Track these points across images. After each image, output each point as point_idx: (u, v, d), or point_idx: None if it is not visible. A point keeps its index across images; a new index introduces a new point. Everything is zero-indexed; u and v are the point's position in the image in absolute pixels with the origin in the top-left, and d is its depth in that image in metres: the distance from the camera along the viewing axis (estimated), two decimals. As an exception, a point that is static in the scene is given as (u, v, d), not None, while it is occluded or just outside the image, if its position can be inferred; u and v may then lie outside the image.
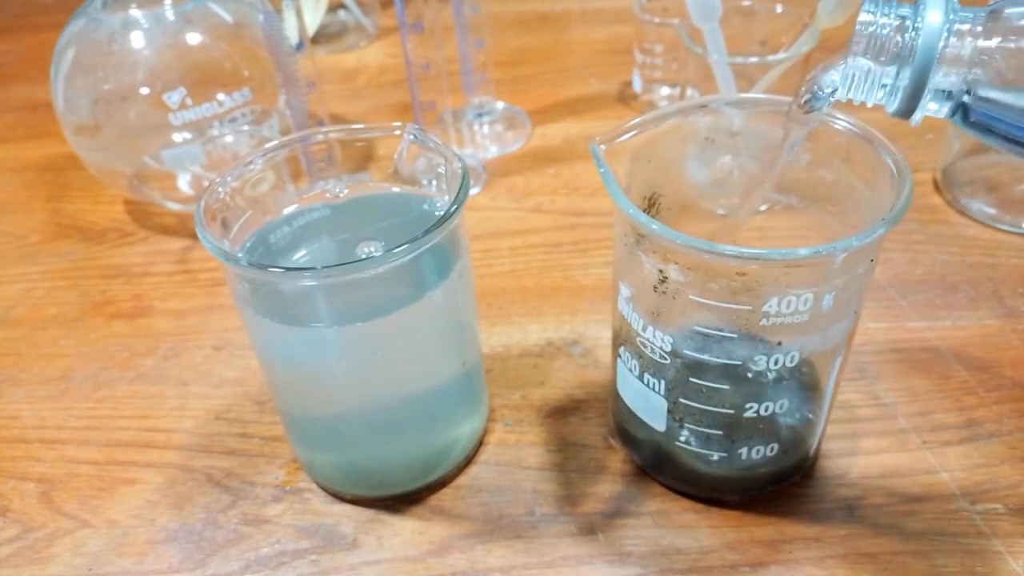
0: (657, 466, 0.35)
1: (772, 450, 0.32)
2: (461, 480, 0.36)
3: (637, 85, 0.64)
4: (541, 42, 0.78)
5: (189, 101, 0.49)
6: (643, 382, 0.32)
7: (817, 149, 0.31)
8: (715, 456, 0.32)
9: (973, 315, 0.42)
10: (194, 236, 0.53)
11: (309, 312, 0.30)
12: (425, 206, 0.34)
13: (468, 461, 0.37)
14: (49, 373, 0.44)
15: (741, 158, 0.33)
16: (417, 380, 0.33)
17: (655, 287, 0.29)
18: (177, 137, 0.51)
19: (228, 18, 0.52)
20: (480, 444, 0.37)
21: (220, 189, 0.31)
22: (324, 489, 0.36)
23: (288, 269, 0.30)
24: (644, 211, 0.28)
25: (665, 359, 0.30)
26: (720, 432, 0.31)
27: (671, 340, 0.29)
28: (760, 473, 0.33)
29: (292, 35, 0.51)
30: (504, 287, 0.47)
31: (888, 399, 0.38)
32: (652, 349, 0.30)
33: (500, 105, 0.63)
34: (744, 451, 0.32)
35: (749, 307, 0.27)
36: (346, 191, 0.35)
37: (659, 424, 0.32)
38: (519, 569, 0.32)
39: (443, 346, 0.33)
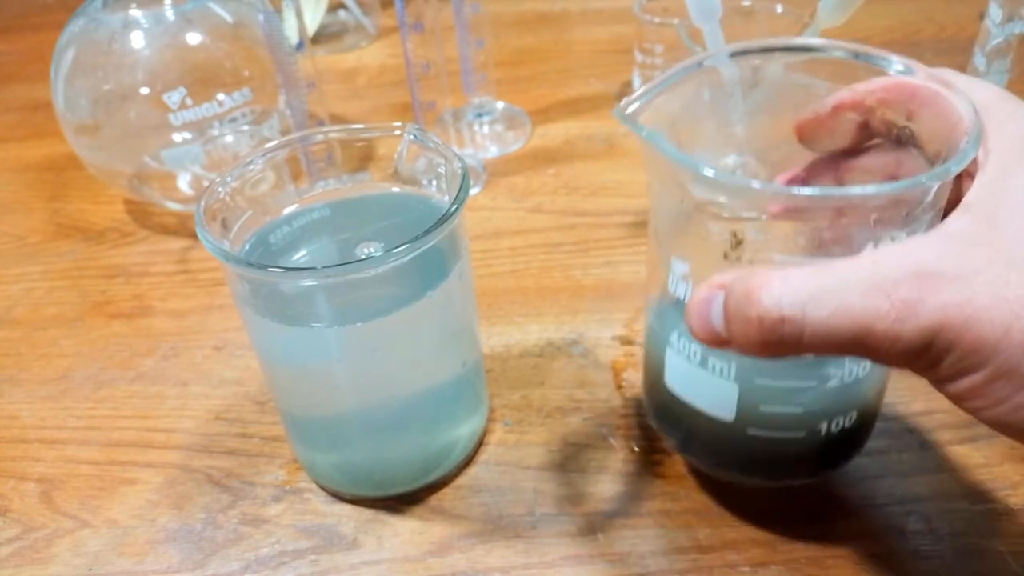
0: (721, 461, 0.32)
1: (850, 420, 0.30)
2: (461, 480, 0.36)
3: (637, 85, 0.64)
4: (541, 42, 0.78)
5: (189, 101, 0.49)
6: (707, 369, 0.29)
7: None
8: (792, 437, 0.30)
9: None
10: (194, 236, 0.53)
11: (309, 312, 0.30)
12: (425, 206, 0.34)
13: (468, 461, 0.37)
14: (49, 373, 0.44)
15: (745, 157, 0.32)
16: (417, 380, 0.33)
17: (726, 254, 0.26)
18: (177, 137, 0.51)
19: (228, 18, 0.52)
20: (480, 444, 0.37)
21: (220, 189, 0.31)
22: (324, 489, 0.36)
23: (288, 269, 0.30)
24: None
25: None
26: (800, 410, 0.29)
27: None
28: (836, 447, 0.31)
29: (292, 35, 0.51)
30: (504, 287, 0.47)
31: (888, 399, 0.38)
32: None
33: (500, 105, 0.63)
34: (824, 426, 0.29)
35: (846, 258, 0.24)
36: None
37: (727, 413, 0.29)
38: (519, 569, 0.32)
39: (443, 346, 0.33)
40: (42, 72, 0.52)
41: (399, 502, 0.35)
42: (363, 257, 0.31)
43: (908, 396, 0.38)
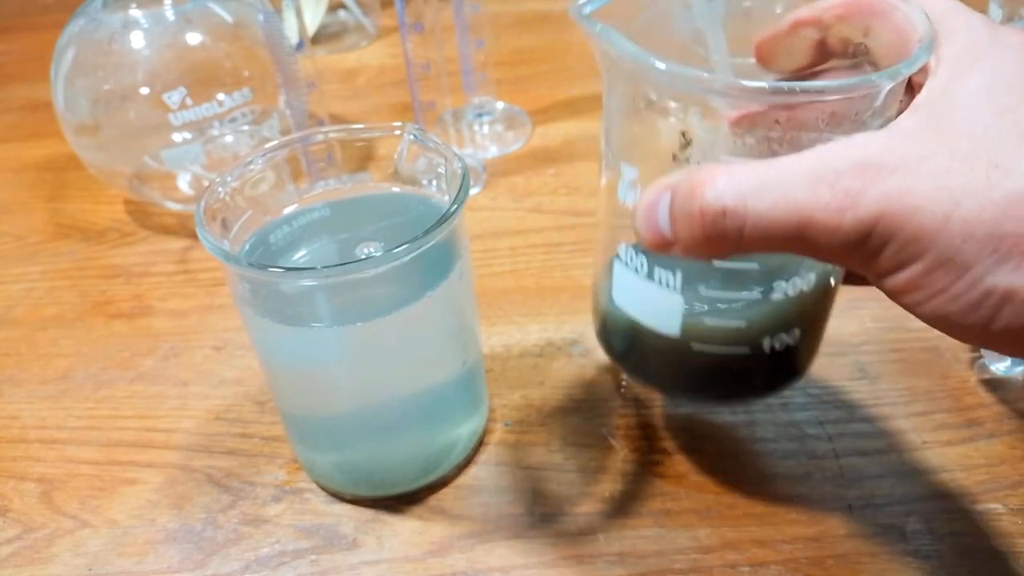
0: (669, 381, 0.32)
1: (794, 338, 0.29)
2: (461, 480, 0.36)
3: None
4: (541, 42, 0.78)
5: (189, 101, 0.49)
6: (653, 279, 0.28)
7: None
8: (737, 352, 0.29)
9: (973, 315, 0.42)
10: (194, 236, 0.53)
11: (309, 312, 0.30)
12: (425, 206, 0.34)
13: (468, 461, 0.37)
14: (49, 373, 0.44)
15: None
16: (417, 380, 0.33)
17: (675, 155, 0.25)
18: (177, 137, 0.51)
19: (228, 18, 0.52)
20: (480, 444, 0.37)
21: (220, 189, 0.31)
22: (324, 489, 0.36)
23: (288, 269, 0.30)
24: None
25: None
26: (744, 323, 0.29)
27: None
28: (780, 367, 0.31)
29: (292, 35, 0.51)
30: (504, 287, 0.47)
31: (888, 399, 0.38)
32: None
33: (500, 105, 0.63)
34: (768, 343, 0.29)
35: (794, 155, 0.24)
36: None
37: (673, 329, 0.29)
38: (519, 569, 0.32)
39: (443, 346, 0.33)
40: (42, 72, 0.52)
41: (399, 502, 0.35)
42: (363, 257, 0.31)
43: (908, 396, 0.38)
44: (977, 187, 0.19)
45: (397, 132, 0.33)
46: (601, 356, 0.42)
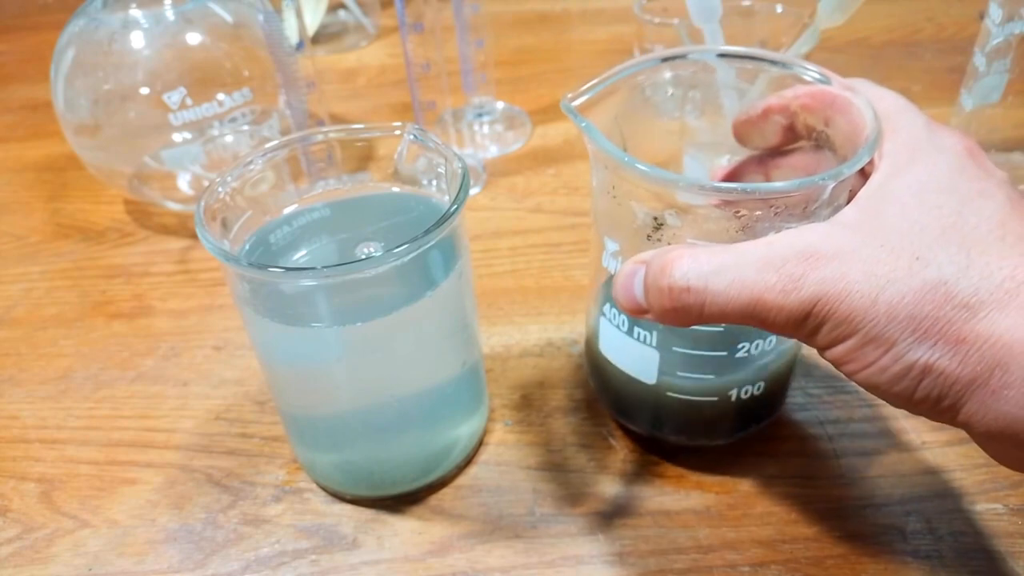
0: (646, 421, 0.36)
1: (759, 389, 0.33)
2: (461, 480, 0.36)
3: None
4: (541, 42, 0.78)
5: (189, 101, 0.49)
6: (632, 336, 0.32)
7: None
8: (706, 400, 0.33)
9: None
10: (194, 236, 0.53)
11: (309, 312, 0.30)
12: (425, 206, 0.34)
13: (468, 461, 0.37)
14: (49, 373, 0.44)
15: (739, 157, 0.33)
16: (417, 380, 0.33)
17: (648, 236, 0.29)
18: (177, 137, 0.51)
19: (228, 18, 0.52)
20: (480, 444, 0.37)
21: (220, 189, 0.31)
22: (324, 489, 0.36)
23: (288, 269, 0.30)
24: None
25: None
26: (712, 376, 0.32)
27: None
28: (748, 413, 0.34)
29: (292, 35, 0.51)
30: (504, 287, 0.47)
31: (888, 399, 0.38)
32: None
33: (500, 105, 0.63)
34: (735, 393, 0.33)
35: (751, 242, 0.26)
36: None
37: (649, 377, 0.33)
38: (519, 569, 0.32)
39: (443, 346, 0.33)
40: (42, 72, 0.52)
41: (399, 502, 0.35)
42: (363, 257, 0.31)
43: (908, 396, 0.38)
44: (900, 275, 0.21)
45: (397, 132, 0.33)
46: (601, 356, 0.42)
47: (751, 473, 0.35)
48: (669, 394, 0.33)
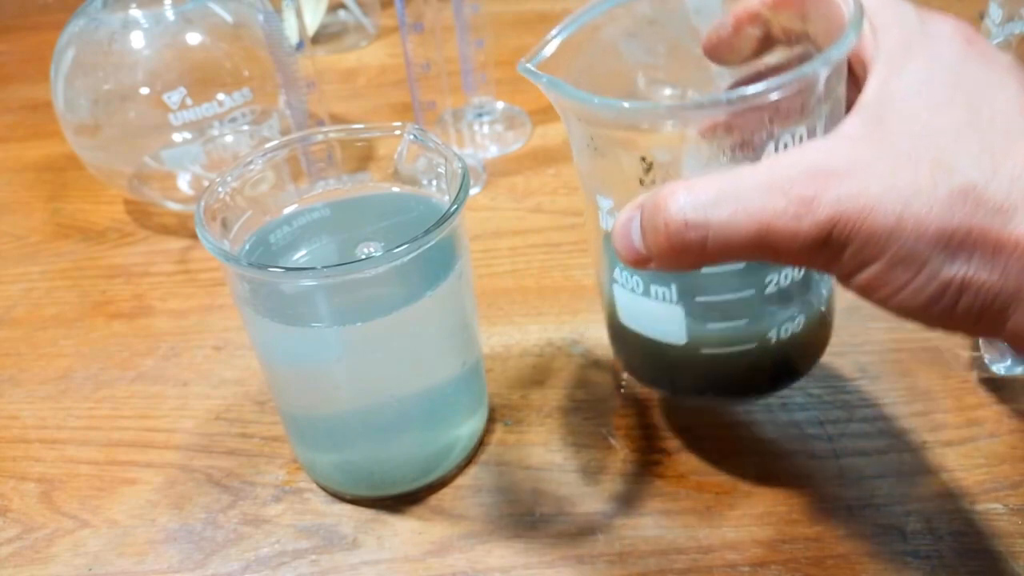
0: (689, 387, 0.33)
1: (798, 325, 0.30)
2: (461, 480, 0.36)
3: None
4: (541, 42, 0.78)
5: (189, 101, 0.49)
6: (651, 297, 0.29)
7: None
8: (745, 349, 0.30)
9: (973, 315, 0.42)
10: (194, 236, 0.53)
11: (309, 312, 0.30)
12: (425, 206, 0.34)
13: (468, 461, 0.37)
14: (49, 373, 0.44)
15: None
16: (417, 380, 0.33)
17: (641, 180, 0.26)
18: (177, 137, 0.51)
19: (228, 18, 0.52)
20: (480, 444, 0.37)
21: (220, 189, 0.31)
22: (324, 489, 0.36)
23: (288, 269, 0.30)
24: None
25: None
26: (745, 321, 0.29)
27: None
28: (791, 356, 0.31)
29: (292, 35, 0.51)
30: (504, 287, 0.47)
31: (888, 399, 0.38)
32: None
33: (500, 105, 0.63)
34: (773, 334, 0.30)
35: (749, 161, 0.24)
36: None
37: (679, 338, 0.30)
38: (519, 569, 0.32)
39: (443, 346, 0.33)
40: (42, 72, 0.52)
41: (399, 502, 0.35)
42: (363, 257, 0.31)
43: (908, 396, 0.38)
44: (923, 185, 0.20)
45: (397, 132, 0.33)
46: (601, 356, 0.42)
47: (751, 473, 0.35)
48: (704, 351, 0.30)
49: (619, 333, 0.33)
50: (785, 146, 0.24)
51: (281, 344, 0.32)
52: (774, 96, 0.23)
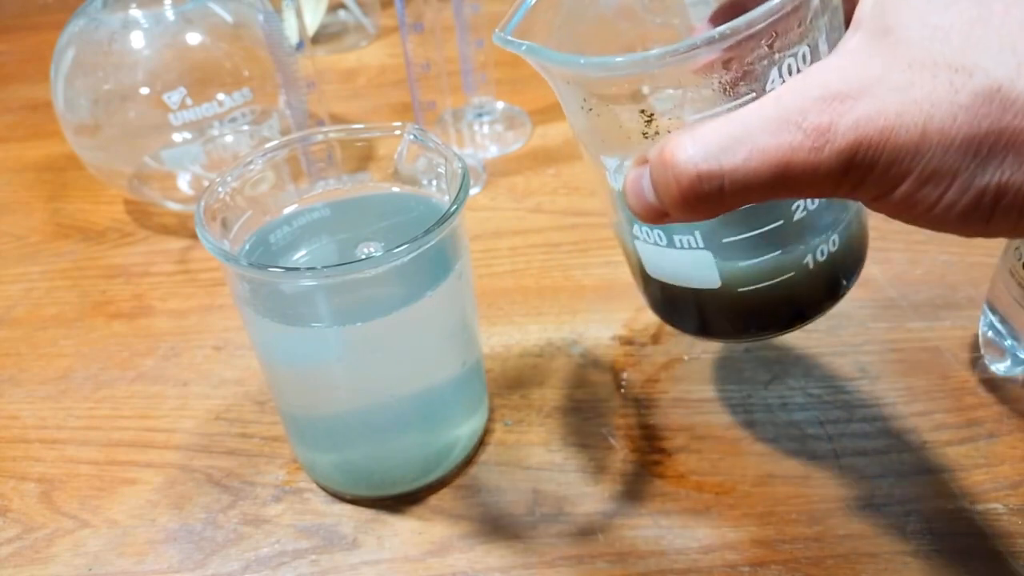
0: (735, 329, 0.32)
1: (834, 243, 0.29)
2: (461, 480, 0.36)
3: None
4: (541, 42, 0.78)
5: (189, 101, 0.49)
6: (676, 247, 0.28)
7: None
8: (785, 280, 0.29)
9: (973, 315, 0.42)
10: (194, 236, 0.53)
11: (309, 312, 0.30)
12: (425, 206, 0.34)
13: (468, 461, 0.37)
14: (49, 373, 0.44)
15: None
16: (417, 380, 0.33)
17: (644, 134, 0.25)
18: (177, 137, 0.51)
19: (228, 18, 0.52)
20: (480, 444, 0.37)
21: (220, 189, 0.31)
22: (324, 489, 0.36)
23: (288, 269, 0.30)
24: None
25: None
26: (778, 251, 0.28)
27: None
28: (833, 275, 0.30)
29: (292, 35, 0.51)
30: (504, 287, 0.47)
31: (888, 399, 0.38)
32: None
33: (500, 105, 0.63)
34: (810, 258, 0.28)
35: (753, 93, 0.23)
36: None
37: (712, 282, 0.29)
38: (519, 569, 0.32)
39: (443, 346, 0.33)
40: (42, 72, 0.52)
41: (399, 502, 0.35)
42: (363, 257, 0.31)
43: (908, 396, 0.38)
44: (943, 95, 0.18)
45: (397, 132, 0.33)
46: (601, 356, 0.42)
47: (751, 473, 0.35)
48: (741, 290, 0.29)
49: (650, 287, 0.32)
50: (789, 70, 0.23)
51: (281, 344, 0.32)
52: (766, 22, 0.21)
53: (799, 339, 0.42)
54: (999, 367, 0.39)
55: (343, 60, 0.77)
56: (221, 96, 0.50)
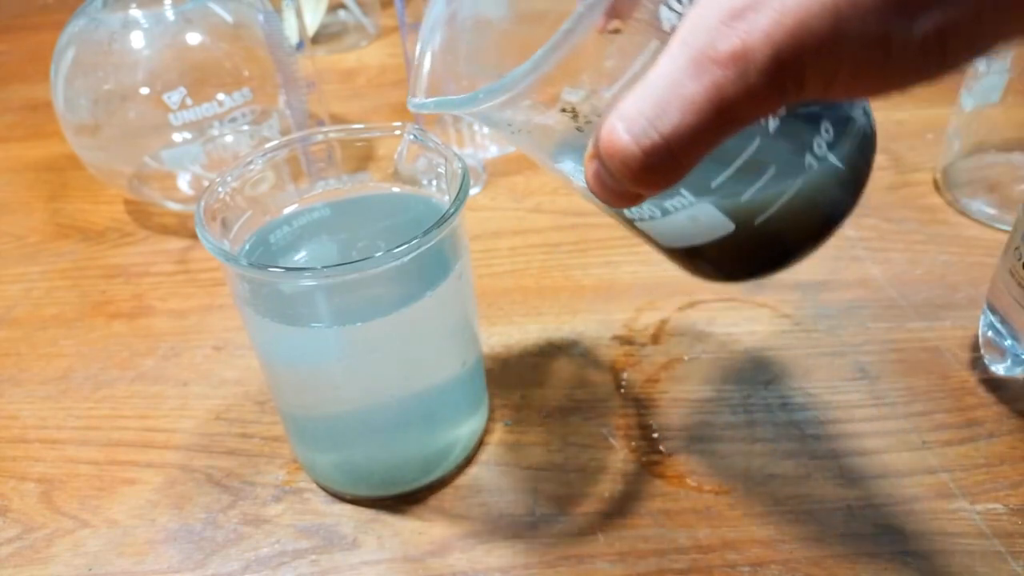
0: (770, 261, 0.30)
1: (828, 133, 0.27)
2: (461, 480, 0.36)
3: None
4: (541, 42, 0.78)
5: (189, 101, 0.49)
6: (672, 212, 0.27)
7: None
8: (794, 192, 0.27)
9: (973, 315, 0.42)
10: (194, 236, 0.53)
11: (309, 312, 0.30)
12: (425, 206, 0.34)
13: (468, 461, 0.37)
14: (49, 373, 0.44)
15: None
16: (417, 380, 0.33)
17: (579, 128, 0.25)
18: (177, 137, 0.51)
19: (228, 18, 0.52)
20: (480, 444, 0.37)
21: (220, 189, 0.31)
22: (324, 489, 0.36)
23: (288, 269, 0.30)
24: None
25: None
26: (774, 169, 0.27)
27: None
28: (841, 165, 0.28)
29: (292, 35, 0.51)
30: (504, 287, 0.47)
31: (888, 399, 0.38)
32: None
33: (500, 105, 0.63)
34: (809, 159, 0.27)
35: (655, 40, 0.22)
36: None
37: (726, 226, 0.28)
38: (519, 569, 0.32)
39: (443, 346, 0.33)
40: (42, 72, 0.52)
41: (399, 502, 0.35)
42: (363, 257, 0.31)
43: (908, 396, 0.38)
44: None
45: (397, 132, 0.33)
46: (601, 356, 0.42)
47: (751, 473, 0.35)
48: (758, 221, 0.27)
49: (678, 259, 0.31)
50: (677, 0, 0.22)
51: (281, 344, 0.32)
52: None
53: (799, 339, 0.42)
54: (999, 367, 0.39)
55: (343, 60, 0.78)
56: (221, 96, 0.50)
